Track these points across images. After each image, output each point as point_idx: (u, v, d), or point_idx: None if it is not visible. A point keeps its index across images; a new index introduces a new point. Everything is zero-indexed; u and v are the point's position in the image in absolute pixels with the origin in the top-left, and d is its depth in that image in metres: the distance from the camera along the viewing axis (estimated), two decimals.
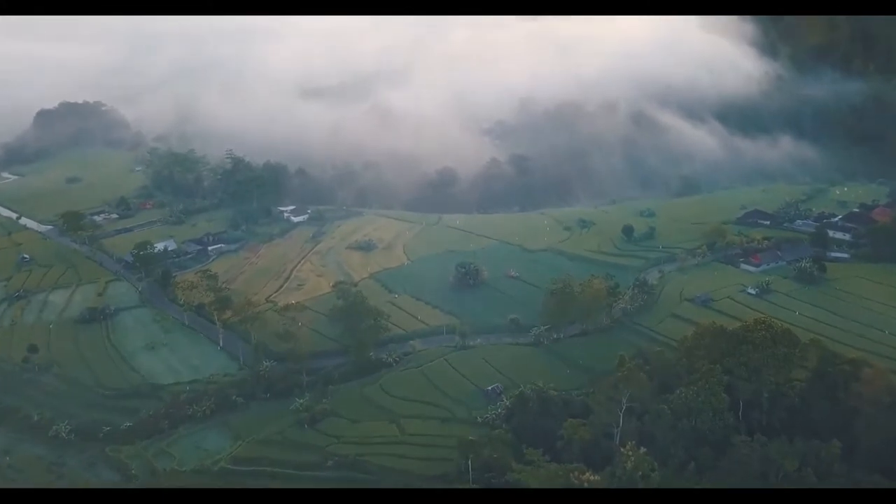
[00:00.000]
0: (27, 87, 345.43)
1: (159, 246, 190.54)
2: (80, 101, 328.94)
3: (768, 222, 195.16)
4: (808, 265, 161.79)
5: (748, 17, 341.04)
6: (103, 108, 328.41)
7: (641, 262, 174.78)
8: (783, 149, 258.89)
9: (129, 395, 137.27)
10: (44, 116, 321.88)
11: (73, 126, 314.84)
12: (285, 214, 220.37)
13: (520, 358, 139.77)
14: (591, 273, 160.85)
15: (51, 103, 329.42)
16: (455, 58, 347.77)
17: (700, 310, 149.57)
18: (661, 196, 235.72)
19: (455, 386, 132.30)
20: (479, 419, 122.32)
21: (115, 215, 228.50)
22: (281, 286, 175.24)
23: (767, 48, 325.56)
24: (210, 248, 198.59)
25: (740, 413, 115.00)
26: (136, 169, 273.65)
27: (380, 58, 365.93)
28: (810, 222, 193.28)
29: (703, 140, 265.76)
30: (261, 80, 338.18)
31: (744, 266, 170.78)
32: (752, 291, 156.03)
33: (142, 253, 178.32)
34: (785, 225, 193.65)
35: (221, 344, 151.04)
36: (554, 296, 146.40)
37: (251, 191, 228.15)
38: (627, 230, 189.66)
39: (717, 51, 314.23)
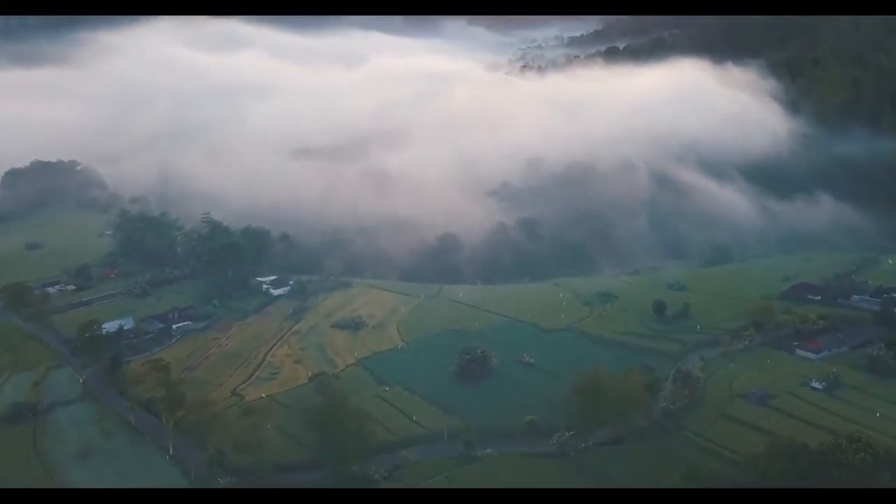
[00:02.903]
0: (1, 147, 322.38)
1: (112, 325, 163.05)
2: (53, 160, 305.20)
3: (819, 297, 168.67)
4: (880, 352, 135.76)
5: (767, 73, 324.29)
6: (78, 168, 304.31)
7: (678, 346, 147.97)
8: (821, 212, 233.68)
9: None
10: (13, 176, 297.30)
11: (43, 186, 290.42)
12: (264, 286, 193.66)
13: (541, 475, 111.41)
14: (621, 359, 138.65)
15: (24, 162, 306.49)
16: (456, 116, 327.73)
17: (757, 409, 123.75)
18: (689, 265, 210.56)
19: None
20: None
21: (72, 286, 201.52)
22: (251, 374, 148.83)
23: (789, 105, 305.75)
24: (175, 326, 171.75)
25: None
26: (106, 233, 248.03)
27: (376, 117, 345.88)
28: (869, 298, 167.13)
29: (732, 202, 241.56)
30: (248, 140, 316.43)
31: (800, 352, 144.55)
32: (819, 386, 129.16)
33: (87, 335, 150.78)
34: (840, 301, 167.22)
35: (171, 451, 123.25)
36: (580, 393, 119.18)
37: (226, 259, 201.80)
38: (658, 307, 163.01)
39: (738, 106, 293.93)
